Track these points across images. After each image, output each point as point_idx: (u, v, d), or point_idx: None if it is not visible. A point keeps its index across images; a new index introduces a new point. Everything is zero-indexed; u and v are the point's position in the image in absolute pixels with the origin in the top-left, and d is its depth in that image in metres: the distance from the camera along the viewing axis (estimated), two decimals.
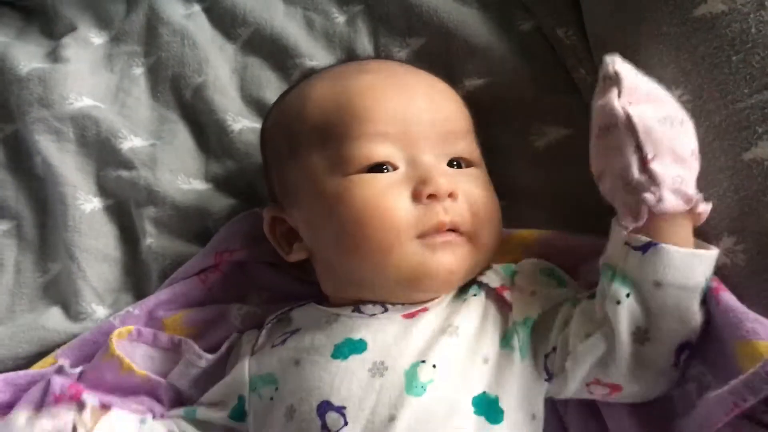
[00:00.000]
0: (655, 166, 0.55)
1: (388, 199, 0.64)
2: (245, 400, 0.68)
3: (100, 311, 0.83)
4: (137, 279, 0.87)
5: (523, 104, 0.81)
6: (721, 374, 0.57)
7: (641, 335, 0.58)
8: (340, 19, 0.96)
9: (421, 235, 0.64)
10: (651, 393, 0.61)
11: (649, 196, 0.55)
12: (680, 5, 0.66)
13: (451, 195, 0.64)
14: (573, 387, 0.62)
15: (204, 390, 0.72)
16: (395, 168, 0.66)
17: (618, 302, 0.58)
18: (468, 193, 0.66)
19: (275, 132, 0.76)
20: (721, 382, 0.55)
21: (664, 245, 0.57)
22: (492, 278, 0.69)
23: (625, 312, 0.58)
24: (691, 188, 0.57)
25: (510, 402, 0.61)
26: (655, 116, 0.56)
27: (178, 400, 0.73)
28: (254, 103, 0.93)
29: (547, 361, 0.63)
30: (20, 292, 0.88)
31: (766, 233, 0.60)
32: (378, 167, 0.66)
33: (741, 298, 0.61)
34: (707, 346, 0.59)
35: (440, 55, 0.86)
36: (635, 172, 0.56)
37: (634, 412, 0.63)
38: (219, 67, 0.96)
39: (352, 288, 0.68)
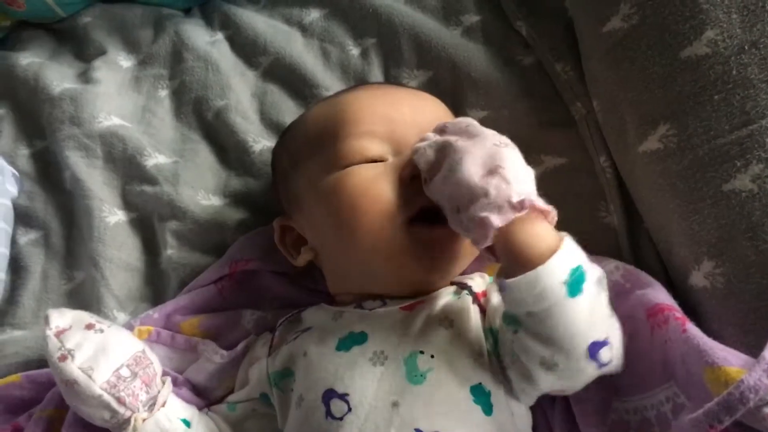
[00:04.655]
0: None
1: (377, 184, 0.67)
2: (269, 397, 0.72)
3: (122, 317, 0.86)
4: (157, 288, 0.90)
5: (522, 134, 0.79)
6: (693, 396, 0.59)
7: (548, 365, 0.58)
8: (355, 51, 0.99)
9: (411, 221, 0.66)
10: (578, 385, 0.61)
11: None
12: (668, 47, 0.69)
13: None
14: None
15: (218, 384, 0.77)
16: (384, 161, 0.69)
17: (514, 332, 0.60)
18: None
19: (281, 152, 0.81)
20: (694, 402, 0.58)
21: (506, 282, 0.56)
22: (477, 282, 0.71)
23: (520, 346, 0.59)
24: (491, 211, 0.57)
25: (498, 398, 0.63)
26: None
27: (193, 392, 0.77)
28: (273, 126, 0.96)
29: (506, 371, 0.64)
30: (46, 297, 0.91)
31: (743, 258, 0.63)
32: (369, 162, 0.69)
33: (719, 317, 0.64)
34: (676, 370, 0.61)
35: (446, 87, 0.90)
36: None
37: None
38: (240, 92, 0.99)
39: (353, 282, 0.72)
